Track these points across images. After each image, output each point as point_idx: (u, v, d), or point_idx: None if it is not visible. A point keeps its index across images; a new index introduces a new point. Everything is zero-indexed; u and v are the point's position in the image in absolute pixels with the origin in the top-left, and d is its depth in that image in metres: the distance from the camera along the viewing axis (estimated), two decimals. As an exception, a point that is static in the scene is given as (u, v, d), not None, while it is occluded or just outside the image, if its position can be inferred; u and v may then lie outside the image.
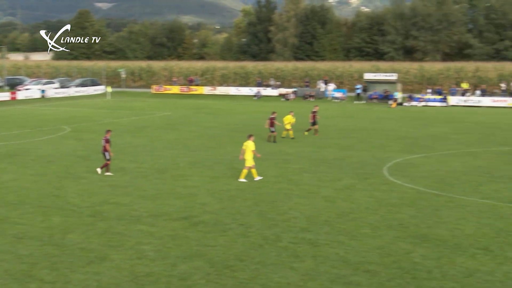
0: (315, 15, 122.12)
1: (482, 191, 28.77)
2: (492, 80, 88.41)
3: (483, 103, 74.79)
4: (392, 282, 17.51)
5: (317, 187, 29.56)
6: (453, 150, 40.72)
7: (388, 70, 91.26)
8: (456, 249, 20.24)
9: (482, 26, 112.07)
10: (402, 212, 24.86)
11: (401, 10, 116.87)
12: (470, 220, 23.75)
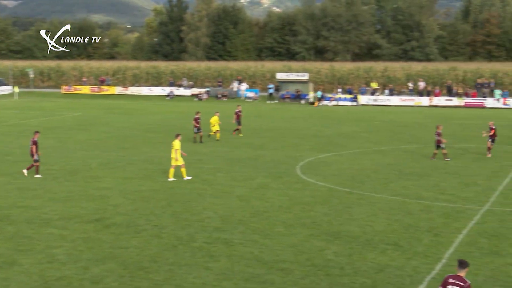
0: (227, 15, 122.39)
1: (392, 188, 29.48)
2: (400, 80, 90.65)
3: (391, 102, 76.67)
4: (306, 279, 17.71)
5: (231, 186, 29.61)
6: (364, 149, 41.58)
7: (300, 70, 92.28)
8: (367, 245, 20.67)
9: (390, 27, 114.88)
10: (315, 210, 25.19)
11: (311, 10, 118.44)
12: (380, 216, 24.30)
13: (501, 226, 22.99)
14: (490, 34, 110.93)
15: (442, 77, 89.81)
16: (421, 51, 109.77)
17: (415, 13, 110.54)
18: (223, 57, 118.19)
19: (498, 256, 19.73)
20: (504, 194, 28.26)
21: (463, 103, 74.05)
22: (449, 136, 46.97)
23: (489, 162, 36.49)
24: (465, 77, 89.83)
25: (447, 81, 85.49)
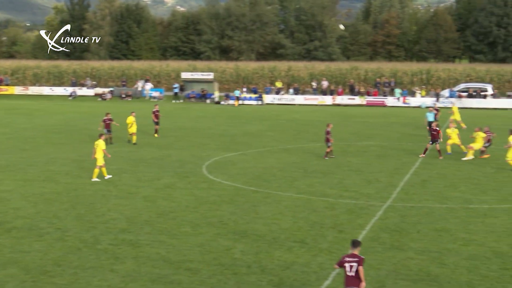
0: (131, 14, 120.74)
1: (297, 186, 29.86)
2: (304, 79, 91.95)
3: (296, 101, 77.63)
4: (213, 278, 17.71)
5: (136, 187, 29.27)
6: (269, 147, 41.93)
7: (205, 69, 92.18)
8: (274, 243, 20.86)
9: (293, 27, 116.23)
10: (221, 209, 25.22)
11: (216, 10, 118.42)
12: (286, 214, 24.56)
13: (402, 222, 23.67)
14: (389, 35, 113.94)
15: (344, 76, 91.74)
16: (324, 51, 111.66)
17: (317, 13, 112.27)
18: (127, 57, 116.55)
19: (399, 250, 20.30)
20: (404, 190, 29.10)
21: (365, 102, 75.82)
22: (351, 134, 48.11)
23: (390, 159, 37.50)
24: (366, 76, 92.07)
25: (349, 80, 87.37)
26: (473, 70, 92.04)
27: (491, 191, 28.91)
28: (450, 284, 17.56)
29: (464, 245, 20.85)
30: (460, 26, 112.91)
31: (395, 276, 18.10)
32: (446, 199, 27.45)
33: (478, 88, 76.21)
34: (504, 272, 18.40)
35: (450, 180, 31.32)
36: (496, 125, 53.82)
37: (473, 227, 22.96)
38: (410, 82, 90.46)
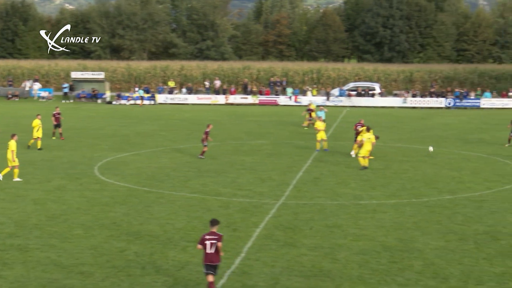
0: (16, 11, 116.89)
1: (191, 185, 29.79)
2: (196, 79, 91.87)
3: (189, 101, 77.41)
4: (107, 281, 17.40)
5: (25, 190, 28.36)
6: (162, 147, 41.63)
7: (96, 68, 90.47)
8: (168, 244, 20.72)
9: (185, 26, 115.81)
10: (114, 211, 24.83)
11: (106, 8, 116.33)
12: (180, 214, 24.46)
13: (295, 219, 24.03)
14: (281, 34, 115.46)
15: (237, 76, 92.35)
16: (216, 50, 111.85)
17: (209, 12, 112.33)
18: (13, 55, 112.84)
19: (293, 247, 20.59)
20: (297, 188, 29.57)
21: (257, 101, 76.49)
22: (244, 133, 48.46)
23: (283, 157, 38.00)
24: (258, 75, 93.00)
25: (242, 79, 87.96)
26: (361, 69, 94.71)
27: (379, 187, 29.80)
28: (342, 278, 17.97)
29: (355, 240, 21.39)
30: (349, 26, 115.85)
31: (289, 272, 18.35)
32: (337, 195, 28.08)
33: (367, 87, 78.45)
34: (393, 265, 19.01)
35: (340, 177, 32.06)
36: (384, 122, 55.60)
37: (363, 223, 23.59)
38: (302, 81, 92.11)
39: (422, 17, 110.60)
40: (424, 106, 73.73)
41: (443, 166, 35.35)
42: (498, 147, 42.74)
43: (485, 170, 34.44)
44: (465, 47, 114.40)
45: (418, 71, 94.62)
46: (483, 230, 22.77)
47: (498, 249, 20.59)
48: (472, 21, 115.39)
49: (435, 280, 17.89)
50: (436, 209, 25.76)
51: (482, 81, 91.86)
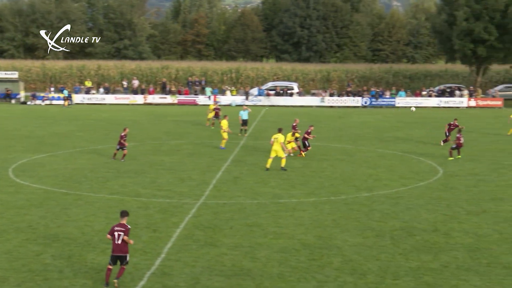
0: None
1: (109, 186, 29.38)
2: (114, 78, 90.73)
3: (106, 101, 76.30)
4: (23, 286, 16.98)
5: None
6: (79, 148, 40.89)
7: (9, 68, 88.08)
8: (87, 246, 20.38)
9: (102, 25, 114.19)
10: (30, 214, 24.24)
11: (19, 6, 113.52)
12: (99, 216, 24.09)
13: (215, 218, 24.03)
14: (199, 34, 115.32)
15: (155, 75, 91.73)
16: (134, 50, 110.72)
17: (126, 11, 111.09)
18: None
19: (213, 247, 20.59)
20: (217, 187, 29.57)
21: (176, 101, 76.11)
22: (164, 133, 48.14)
23: (203, 157, 37.93)
24: (177, 75, 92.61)
25: (161, 79, 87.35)
26: (279, 69, 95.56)
27: (299, 186, 30.12)
28: (263, 277, 18.07)
29: (275, 239, 21.55)
30: (267, 26, 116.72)
31: (210, 272, 18.33)
32: (257, 194, 28.23)
33: (285, 87, 79.14)
34: (312, 263, 19.24)
35: (260, 176, 32.24)
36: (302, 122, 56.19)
37: (283, 221, 23.80)
38: (221, 81, 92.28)
39: (338, 18, 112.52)
40: (341, 105, 74.97)
41: (360, 164, 36.03)
42: (413, 144, 43.87)
43: (401, 167, 35.29)
44: (380, 47, 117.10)
45: (335, 71, 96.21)
46: (399, 226, 23.33)
47: (413, 245, 21.14)
48: (387, 21, 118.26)
49: (353, 276, 18.21)
50: (354, 206, 26.24)
51: (396, 80, 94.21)
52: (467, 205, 26.62)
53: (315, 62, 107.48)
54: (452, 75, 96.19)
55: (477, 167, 35.20)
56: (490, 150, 41.31)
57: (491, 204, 26.83)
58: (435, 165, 35.72)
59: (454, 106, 75.09)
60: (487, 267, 19.08)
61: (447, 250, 20.56)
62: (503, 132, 50.82)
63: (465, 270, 18.82)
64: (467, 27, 75.57)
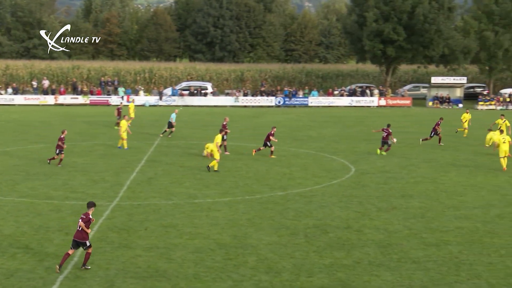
0: None
1: (19, 189, 28.63)
2: (23, 78, 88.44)
3: (16, 102, 74.14)
4: None
5: None
6: (-13, 150, 39.69)
7: None
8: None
9: (10, 23, 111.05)
10: None
11: None
12: (8, 220, 23.45)
13: (130, 220, 23.77)
14: (111, 33, 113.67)
15: (66, 75, 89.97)
16: (44, 49, 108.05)
17: (35, 10, 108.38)
18: None
19: (128, 248, 20.37)
20: (131, 188, 29.25)
21: (88, 101, 74.77)
22: (76, 134, 47.17)
23: (116, 158, 37.43)
24: (89, 75, 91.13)
25: (72, 79, 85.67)
26: (193, 69, 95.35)
27: (213, 185, 30.13)
28: (178, 278, 18.01)
29: (190, 239, 21.50)
30: (180, 26, 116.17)
31: (124, 274, 18.13)
32: (172, 195, 28.08)
33: (199, 87, 78.98)
34: (228, 262, 19.30)
35: (175, 177, 32.08)
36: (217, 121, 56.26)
37: (198, 221, 23.77)
38: (134, 81, 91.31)
39: (251, 18, 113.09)
40: (255, 105, 75.42)
41: (274, 163, 36.34)
42: (326, 143, 44.56)
43: (314, 166, 35.80)
44: (292, 47, 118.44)
45: (248, 71, 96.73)
46: (313, 224, 23.67)
47: (327, 242, 21.49)
48: (299, 22, 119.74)
49: (268, 275, 18.36)
50: (268, 205, 26.45)
51: (309, 80, 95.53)
52: (378, 202, 27.27)
53: (229, 62, 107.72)
54: (363, 75, 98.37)
55: (387, 164, 36.10)
56: (400, 148, 42.41)
57: (401, 200, 27.57)
58: (347, 163, 36.42)
59: (365, 105, 76.73)
60: (398, 262, 19.61)
61: (359, 247, 21.00)
62: (412, 130, 52.28)
63: (377, 265, 19.28)
64: (377, 28, 77.34)
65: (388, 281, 18.10)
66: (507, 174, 33.76)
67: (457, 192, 29.46)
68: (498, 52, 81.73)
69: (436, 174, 33.66)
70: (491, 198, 28.21)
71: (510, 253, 20.62)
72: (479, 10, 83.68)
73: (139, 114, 61.34)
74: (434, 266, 19.29)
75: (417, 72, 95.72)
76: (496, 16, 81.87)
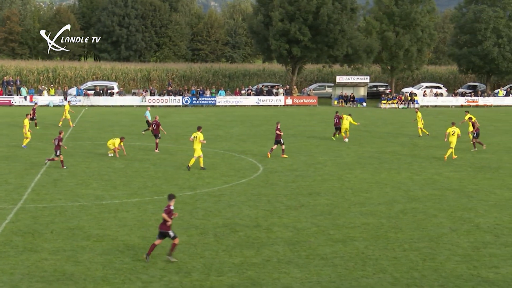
0: None
1: None
2: None
3: None
4: None
5: None
6: None
7: None
8: None
9: None
10: None
11: None
12: None
13: (35, 223, 23.20)
14: (12, 32, 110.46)
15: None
16: None
17: None
18: None
19: (33, 252, 19.88)
20: (35, 191, 28.53)
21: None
22: (-24, 136, 45.59)
23: (19, 160, 36.42)
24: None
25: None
26: (99, 68, 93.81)
27: (121, 186, 29.77)
28: (86, 281, 17.71)
29: (98, 241, 21.18)
30: (84, 25, 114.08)
31: (30, 279, 17.69)
32: (78, 197, 27.56)
33: (105, 86, 77.75)
34: (137, 264, 19.13)
35: (81, 178, 31.50)
36: (124, 121, 55.57)
37: (106, 223, 23.44)
38: (37, 80, 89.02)
39: (157, 17, 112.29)
40: (162, 105, 74.87)
41: (183, 163, 36.20)
42: (234, 142, 44.73)
43: (222, 165, 35.89)
44: (199, 46, 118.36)
45: (155, 70, 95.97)
46: (222, 223, 23.75)
47: (236, 241, 21.61)
48: (205, 21, 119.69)
49: (178, 275, 18.32)
50: (177, 205, 26.23)
51: (216, 79, 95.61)
52: (287, 200, 27.63)
53: (135, 62, 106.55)
54: (270, 74, 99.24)
55: (295, 163, 36.59)
56: (307, 146, 43.07)
57: (308, 198, 28.01)
58: (255, 162, 36.69)
59: (272, 105, 77.43)
60: (306, 259, 19.93)
61: (268, 245, 21.22)
62: (318, 129, 53.14)
63: (286, 263, 19.53)
64: (282, 28, 78.13)
65: (297, 278, 18.36)
66: (409, 170, 34.85)
67: (362, 189, 30.19)
68: (399, 52, 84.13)
69: (342, 171, 34.38)
70: (394, 194, 29.06)
71: (413, 247, 21.31)
72: (380, 11, 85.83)
73: (44, 114, 59.89)
74: (341, 262, 19.71)
75: (322, 72, 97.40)
76: (396, 17, 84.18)
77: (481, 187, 30.96)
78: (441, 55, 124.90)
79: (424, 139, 47.29)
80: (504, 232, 23.25)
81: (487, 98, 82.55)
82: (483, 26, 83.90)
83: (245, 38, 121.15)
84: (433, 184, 31.51)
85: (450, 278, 18.64)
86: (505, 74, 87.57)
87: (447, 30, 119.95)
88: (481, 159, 38.77)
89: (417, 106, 76.18)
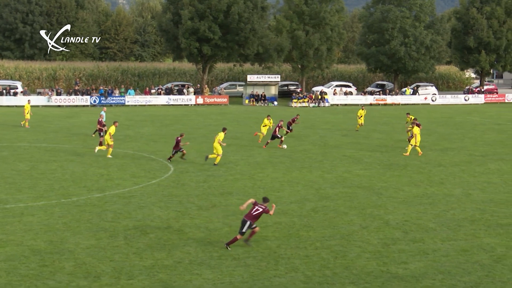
0: None
1: None
2: None
3: None
4: None
5: None
6: None
7: None
8: None
9: None
10: None
11: None
12: None
13: None
14: None
15: None
16: None
17: None
18: None
19: None
20: None
21: None
22: None
23: None
24: None
25: None
26: (1, 67, 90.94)
27: (26, 189, 28.74)
28: (-11, 289, 16.93)
29: (1, 247, 20.34)
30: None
31: None
32: (-20, 201, 26.45)
33: (8, 86, 75.26)
34: (43, 269, 18.44)
35: (-17, 181, 30.29)
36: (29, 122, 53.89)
37: (10, 227, 22.54)
38: None
39: (63, 14, 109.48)
40: (70, 104, 73.12)
41: (91, 164, 35.34)
42: (144, 142, 44.07)
43: (132, 166, 35.22)
44: (107, 45, 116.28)
45: (61, 69, 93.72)
46: (132, 225, 23.24)
47: (147, 243, 21.16)
48: (113, 19, 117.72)
49: (87, 280, 17.76)
50: (86, 208, 25.64)
51: (125, 78, 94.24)
52: (198, 200, 27.33)
53: (40, 60, 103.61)
54: (180, 73, 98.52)
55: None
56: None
57: (220, 198, 27.80)
58: (166, 163, 36.18)
59: (183, 104, 76.87)
60: (218, 260, 19.71)
61: (180, 246, 20.89)
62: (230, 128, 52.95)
63: (198, 264, 19.25)
64: (192, 26, 77.65)
65: (209, 279, 18.11)
66: (320, 169, 35.15)
67: (274, 188, 30.21)
68: (309, 51, 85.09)
69: (254, 171, 34.34)
70: (306, 193, 29.20)
71: (325, 245, 21.42)
72: (291, 10, 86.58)
73: None
74: (254, 262, 19.58)
75: (233, 70, 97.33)
76: (306, 16, 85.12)
77: (390, 184, 31.55)
78: (350, 54, 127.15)
79: (334, 138, 47.91)
80: (412, 228, 23.70)
81: (395, 97, 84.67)
82: (390, 26, 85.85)
83: (154, 37, 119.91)
84: (343, 182, 31.89)
85: (361, 275, 18.80)
86: (412, 73, 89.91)
87: (356, 29, 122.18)
88: (389, 157, 39.55)
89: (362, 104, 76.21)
